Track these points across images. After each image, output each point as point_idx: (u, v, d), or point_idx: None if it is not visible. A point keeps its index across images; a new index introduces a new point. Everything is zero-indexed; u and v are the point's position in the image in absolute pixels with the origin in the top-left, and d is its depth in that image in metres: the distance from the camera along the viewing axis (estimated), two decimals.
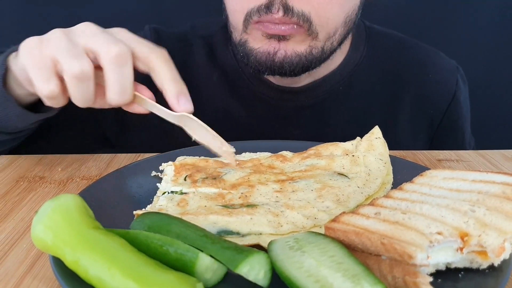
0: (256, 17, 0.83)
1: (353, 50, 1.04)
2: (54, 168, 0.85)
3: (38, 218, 0.49)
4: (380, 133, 0.77)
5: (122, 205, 0.64)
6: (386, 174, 0.70)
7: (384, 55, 1.07)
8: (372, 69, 1.05)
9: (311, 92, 1.02)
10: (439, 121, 1.09)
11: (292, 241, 0.50)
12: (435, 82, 1.08)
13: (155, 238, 0.49)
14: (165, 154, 0.79)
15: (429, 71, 1.08)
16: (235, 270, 0.45)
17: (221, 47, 1.06)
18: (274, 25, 0.83)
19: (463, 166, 0.86)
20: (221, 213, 0.58)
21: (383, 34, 1.10)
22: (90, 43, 0.62)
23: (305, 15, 0.82)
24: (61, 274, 0.47)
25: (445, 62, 1.11)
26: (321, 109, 1.03)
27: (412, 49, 1.10)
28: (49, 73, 0.62)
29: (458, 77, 1.10)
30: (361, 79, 1.04)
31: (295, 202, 0.61)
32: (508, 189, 0.52)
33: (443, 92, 1.08)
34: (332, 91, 1.02)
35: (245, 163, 0.73)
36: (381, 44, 1.08)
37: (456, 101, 1.09)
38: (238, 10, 0.87)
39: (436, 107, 1.08)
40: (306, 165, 0.73)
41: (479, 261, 0.47)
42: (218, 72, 1.05)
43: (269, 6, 0.81)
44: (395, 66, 1.07)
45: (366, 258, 0.47)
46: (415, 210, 0.52)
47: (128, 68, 0.62)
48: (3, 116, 0.77)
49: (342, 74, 1.03)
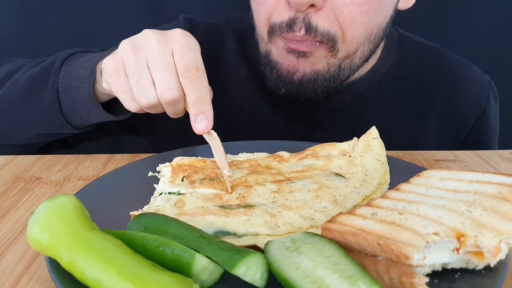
0: (279, 32, 0.82)
1: (384, 58, 1.02)
2: (51, 169, 0.85)
3: (34, 219, 0.49)
4: (377, 134, 0.76)
5: (119, 206, 0.64)
6: (383, 174, 0.70)
7: (416, 65, 1.05)
8: (402, 78, 1.03)
9: (338, 96, 1.00)
10: (464, 136, 1.07)
11: (288, 241, 0.50)
12: (466, 96, 1.06)
13: (152, 239, 0.49)
14: (162, 155, 0.79)
15: (460, 84, 1.06)
16: (232, 271, 0.45)
17: (253, 43, 1.02)
18: (296, 42, 0.82)
19: (460, 166, 0.86)
20: (218, 214, 0.58)
21: (416, 42, 1.08)
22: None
23: (330, 34, 0.80)
24: (57, 275, 0.47)
25: (478, 77, 1.09)
26: (347, 114, 1.02)
27: (445, 60, 1.08)
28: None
29: (489, 92, 1.08)
30: (389, 87, 1.02)
31: (292, 203, 0.61)
32: (505, 190, 0.52)
33: (473, 107, 1.06)
34: (359, 97, 1.01)
35: (242, 164, 0.73)
36: (413, 53, 1.06)
37: (485, 117, 1.07)
38: (262, 22, 0.86)
39: (464, 122, 1.06)
40: (303, 165, 0.73)
41: (476, 262, 0.47)
42: (248, 67, 1.04)
43: (291, 24, 0.80)
44: (426, 76, 1.05)
45: (363, 259, 0.47)
46: (411, 210, 0.52)
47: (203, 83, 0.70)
48: (86, 118, 0.84)
49: (370, 81, 1.01)
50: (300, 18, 0.79)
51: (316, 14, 0.79)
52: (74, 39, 1.43)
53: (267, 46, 0.89)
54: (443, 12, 1.41)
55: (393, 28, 1.06)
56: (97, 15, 1.43)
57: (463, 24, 1.43)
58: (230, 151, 0.81)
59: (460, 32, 1.43)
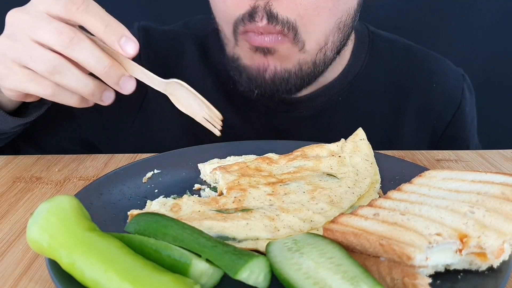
0: (242, 27, 0.80)
1: (354, 59, 1.00)
2: (51, 169, 0.84)
3: (33, 220, 0.49)
4: (364, 135, 0.76)
5: (119, 206, 0.64)
6: (374, 174, 0.70)
7: (388, 63, 1.03)
8: (374, 79, 1.01)
9: (310, 103, 0.98)
10: (442, 131, 1.06)
11: (290, 242, 0.50)
12: (441, 91, 1.04)
13: (149, 242, 0.48)
14: (163, 154, 0.78)
15: (434, 80, 1.04)
16: (235, 276, 0.44)
17: (216, 50, 0.99)
18: (258, 35, 0.79)
19: (462, 166, 0.85)
20: (216, 218, 0.57)
21: (388, 40, 1.06)
22: (39, 38, 0.63)
23: (290, 22, 0.78)
24: (57, 277, 0.47)
25: (452, 71, 1.08)
26: (320, 120, 1.00)
27: (418, 57, 1.06)
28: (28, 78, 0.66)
29: (464, 86, 1.06)
30: (362, 89, 1.00)
31: (289, 205, 0.61)
32: (508, 190, 0.52)
33: (448, 102, 1.05)
34: (331, 102, 0.99)
35: (231, 167, 0.72)
36: (385, 51, 1.03)
37: (461, 111, 1.06)
38: (226, 21, 0.84)
39: (441, 117, 1.05)
40: (293, 166, 0.72)
41: (478, 263, 0.47)
42: (212, 77, 1.01)
43: (252, 14, 0.78)
44: (399, 75, 1.03)
45: (365, 260, 0.47)
46: (414, 211, 0.51)
47: (83, 43, 0.63)
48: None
49: (342, 84, 0.99)
50: (261, 7, 0.77)
51: (277, 1, 0.77)
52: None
53: (234, 50, 0.86)
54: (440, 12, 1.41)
55: (363, 26, 1.04)
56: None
57: (461, 24, 1.43)
58: (217, 154, 0.79)
59: (459, 31, 1.43)
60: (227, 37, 0.87)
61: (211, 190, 0.70)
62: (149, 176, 0.73)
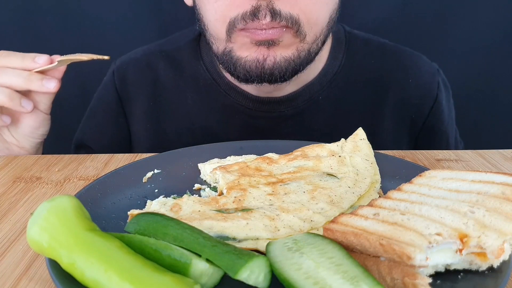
0: (241, 25, 0.81)
1: (332, 58, 1.03)
2: (51, 169, 0.84)
3: (33, 220, 0.49)
4: (364, 135, 0.77)
5: (119, 206, 0.64)
6: (374, 173, 0.70)
7: (364, 62, 1.06)
8: (352, 77, 1.04)
9: (291, 102, 1.01)
10: (421, 125, 1.08)
11: (290, 242, 0.50)
12: (416, 86, 1.07)
13: (149, 242, 0.48)
14: (163, 154, 0.78)
15: (410, 76, 1.07)
16: (235, 276, 0.44)
17: (191, 60, 1.03)
18: (262, 31, 0.81)
19: (462, 166, 0.85)
20: (216, 218, 0.57)
21: (363, 39, 1.08)
22: None
23: (293, 18, 0.81)
24: (57, 277, 0.47)
25: (427, 66, 1.10)
26: (302, 119, 1.02)
27: (393, 54, 1.09)
28: None
29: (439, 80, 1.08)
30: (341, 88, 1.03)
31: (290, 205, 0.61)
32: (508, 190, 0.52)
33: (425, 96, 1.07)
34: (312, 101, 1.01)
35: (231, 167, 0.72)
36: (360, 50, 1.06)
37: (438, 104, 1.08)
38: (219, 20, 0.84)
39: (419, 111, 1.07)
40: (294, 166, 0.72)
41: (478, 263, 0.47)
42: (191, 88, 1.03)
43: (255, 13, 0.79)
44: (375, 72, 1.06)
45: (365, 260, 0.47)
46: (414, 211, 0.51)
47: (6, 71, 0.82)
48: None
49: (321, 83, 1.02)
50: (264, 5, 0.79)
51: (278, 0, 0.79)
52: (73, 39, 1.43)
53: (225, 45, 0.87)
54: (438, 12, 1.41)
55: (339, 26, 1.07)
56: (96, 15, 1.43)
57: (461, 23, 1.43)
58: (217, 154, 0.79)
59: (459, 31, 1.43)
60: (215, 36, 0.88)
61: (211, 190, 0.70)
62: (149, 176, 0.73)
